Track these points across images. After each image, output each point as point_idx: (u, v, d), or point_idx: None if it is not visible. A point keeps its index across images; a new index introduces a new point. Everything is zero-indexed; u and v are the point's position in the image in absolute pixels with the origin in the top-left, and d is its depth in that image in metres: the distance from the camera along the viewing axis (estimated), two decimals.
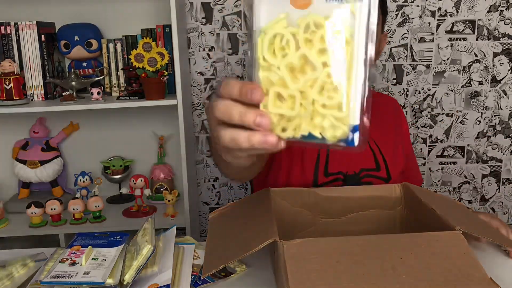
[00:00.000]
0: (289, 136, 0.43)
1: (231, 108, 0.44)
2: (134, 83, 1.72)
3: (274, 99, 0.43)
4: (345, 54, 0.41)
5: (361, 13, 0.40)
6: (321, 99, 0.42)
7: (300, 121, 0.43)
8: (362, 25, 0.40)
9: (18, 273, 0.75)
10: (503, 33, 1.90)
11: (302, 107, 0.42)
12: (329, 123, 0.42)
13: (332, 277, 0.57)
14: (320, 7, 0.41)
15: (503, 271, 0.73)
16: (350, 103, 0.41)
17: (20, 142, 1.82)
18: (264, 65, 0.43)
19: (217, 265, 0.62)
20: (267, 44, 0.42)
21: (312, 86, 0.42)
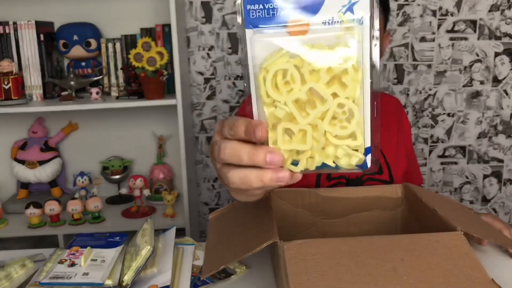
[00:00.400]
0: (302, 169, 0.42)
1: (238, 150, 0.43)
2: (133, 82, 1.71)
3: (283, 135, 0.41)
4: (354, 82, 0.39)
5: (363, 36, 0.39)
6: (334, 130, 0.40)
7: (312, 153, 0.42)
8: (366, 48, 0.39)
9: (17, 273, 0.75)
10: (505, 32, 1.90)
11: (314, 140, 0.41)
12: (343, 152, 0.41)
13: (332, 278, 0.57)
14: (318, 33, 0.39)
15: (505, 272, 0.72)
16: (363, 129, 0.41)
17: (19, 142, 1.82)
18: (268, 102, 0.41)
19: (217, 266, 0.61)
20: (270, 80, 0.40)
21: (322, 118, 0.40)
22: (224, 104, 1.92)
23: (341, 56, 0.39)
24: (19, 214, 1.72)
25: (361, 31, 0.39)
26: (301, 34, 0.40)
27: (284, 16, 0.40)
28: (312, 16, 0.39)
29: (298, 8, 0.39)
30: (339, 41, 0.39)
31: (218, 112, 1.93)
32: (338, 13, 0.39)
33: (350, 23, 0.39)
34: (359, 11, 0.39)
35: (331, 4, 0.39)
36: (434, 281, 0.56)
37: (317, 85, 0.40)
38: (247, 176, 0.43)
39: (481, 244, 0.80)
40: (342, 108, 0.40)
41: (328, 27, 0.39)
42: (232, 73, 1.90)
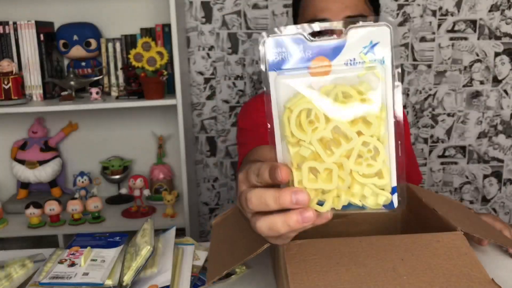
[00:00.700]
0: (328, 209, 0.42)
1: (264, 196, 0.43)
2: (133, 82, 1.71)
3: (309, 174, 0.42)
4: (378, 119, 0.40)
5: (385, 75, 0.40)
6: (360, 169, 0.41)
7: (338, 192, 0.42)
8: (388, 87, 0.40)
9: (16, 274, 0.75)
10: (505, 32, 1.90)
11: (340, 179, 0.41)
12: (370, 191, 0.41)
13: (332, 278, 0.57)
14: (341, 73, 0.40)
15: (505, 272, 0.72)
16: (389, 168, 0.41)
17: (19, 142, 1.82)
18: (293, 141, 0.42)
19: (220, 272, 0.61)
20: (294, 120, 0.41)
21: (347, 156, 0.41)
22: (224, 104, 1.92)
23: (365, 96, 0.40)
24: (19, 214, 1.72)
25: (383, 71, 0.40)
26: (323, 74, 0.40)
27: (306, 58, 0.41)
28: (334, 58, 0.40)
29: (320, 50, 0.40)
30: (362, 80, 0.40)
31: (218, 112, 1.93)
32: (359, 54, 0.40)
33: (372, 63, 0.40)
34: (380, 51, 0.40)
35: (353, 45, 0.40)
36: (434, 281, 0.56)
37: (342, 123, 0.40)
38: (274, 223, 0.43)
39: (481, 244, 0.80)
40: (367, 146, 0.40)
41: (350, 68, 0.40)
42: (232, 73, 1.90)
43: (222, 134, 1.95)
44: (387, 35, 0.39)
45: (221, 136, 1.95)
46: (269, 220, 0.43)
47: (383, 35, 0.39)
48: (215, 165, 1.98)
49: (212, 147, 1.96)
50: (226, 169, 1.98)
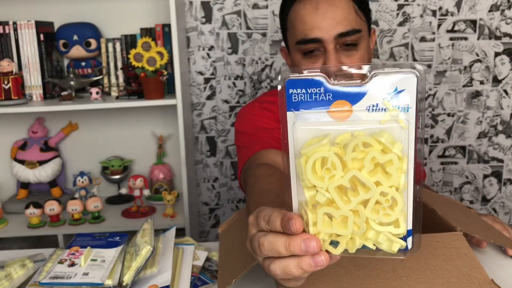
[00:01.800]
0: (341, 251, 0.42)
1: (275, 243, 0.43)
2: (133, 82, 1.71)
3: (324, 218, 0.41)
4: (398, 171, 0.39)
5: (409, 124, 0.39)
6: (376, 218, 0.40)
7: (353, 236, 0.42)
8: (411, 136, 0.39)
9: (16, 274, 0.75)
10: (505, 32, 1.90)
11: (355, 225, 0.41)
12: (385, 238, 0.41)
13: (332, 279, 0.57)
14: (362, 118, 0.39)
15: (504, 273, 0.72)
16: (406, 216, 0.41)
17: (19, 142, 1.82)
18: (310, 185, 0.41)
19: (229, 281, 0.61)
20: (310, 166, 0.40)
21: (364, 204, 0.40)
22: (224, 104, 1.92)
23: (386, 146, 0.39)
24: (19, 214, 1.72)
25: (406, 119, 0.39)
26: (343, 118, 0.40)
27: (327, 101, 0.40)
28: (356, 102, 0.39)
29: (342, 94, 0.39)
30: (383, 129, 0.39)
31: (218, 112, 1.93)
32: (383, 100, 0.39)
33: (395, 111, 0.39)
34: (405, 99, 0.39)
35: (377, 91, 0.39)
36: (433, 282, 0.56)
37: (360, 173, 0.39)
38: (287, 266, 0.44)
39: (480, 246, 0.79)
40: (385, 196, 0.39)
41: (372, 114, 0.39)
42: (232, 73, 1.90)
43: (222, 134, 1.95)
44: (413, 83, 0.38)
45: (221, 136, 1.95)
46: (283, 264, 0.44)
47: (409, 83, 0.38)
48: (215, 165, 1.98)
49: (212, 147, 1.96)
50: (226, 169, 1.98)
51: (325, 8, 0.91)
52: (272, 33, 1.86)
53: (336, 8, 0.91)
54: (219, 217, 2.03)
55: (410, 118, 0.39)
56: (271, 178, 0.77)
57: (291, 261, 0.43)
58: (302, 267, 0.42)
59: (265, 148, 0.95)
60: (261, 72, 1.90)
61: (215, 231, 2.04)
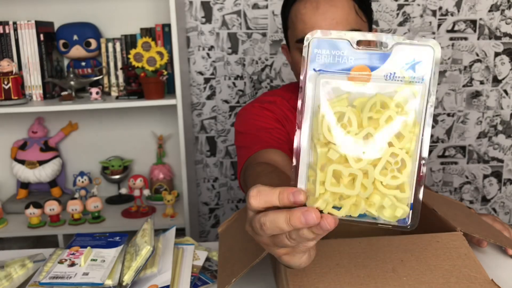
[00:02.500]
0: (344, 215, 0.42)
1: (277, 220, 0.43)
2: (133, 82, 1.71)
3: (332, 178, 0.42)
4: (411, 134, 0.40)
5: (424, 95, 0.40)
6: (384, 179, 0.41)
7: (357, 200, 0.42)
8: (423, 107, 0.40)
9: (16, 273, 0.75)
10: (505, 32, 1.90)
11: (362, 186, 0.41)
12: (389, 203, 0.41)
13: (332, 279, 0.57)
14: (379, 85, 0.41)
15: (505, 272, 0.72)
16: (413, 183, 0.41)
17: (19, 142, 1.82)
18: (323, 142, 0.42)
19: (229, 281, 0.61)
20: (327, 122, 0.41)
21: (373, 165, 0.41)
22: (224, 104, 1.92)
23: (402, 108, 0.40)
24: (19, 214, 1.72)
25: (421, 89, 0.40)
26: (362, 83, 0.41)
27: (348, 64, 0.41)
28: (376, 69, 0.41)
29: (363, 59, 0.41)
30: (401, 94, 0.41)
31: (218, 112, 1.93)
32: (400, 69, 0.41)
33: (411, 80, 0.41)
34: (420, 70, 0.40)
35: (396, 60, 0.41)
36: (433, 282, 0.56)
37: (375, 131, 0.40)
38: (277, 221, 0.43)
39: (480, 246, 0.80)
40: (395, 158, 0.40)
41: (390, 81, 0.41)
42: (232, 73, 1.90)
43: (222, 134, 1.95)
44: (430, 56, 0.40)
45: (221, 136, 1.95)
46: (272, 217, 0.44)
47: (426, 55, 0.40)
48: (215, 165, 1.98)
49: (212, 147, 1.96)
50: (226, 169, 1.98)
51: (326, 8, 0.91)
52: (272, 33, 1.86)
53: (337, 8, 0.91)
54: (219, 217, 2.03)
55: (425, 89, 0.41)
56: (271, 174, 0.77)
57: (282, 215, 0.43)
58: (293, 224, 0.42)
59: (265, 147, 0.95)
60: (261, 72, 1.90)
61: (215, 231, 2.04)
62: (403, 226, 0.42)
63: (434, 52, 0.40)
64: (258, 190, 0.44)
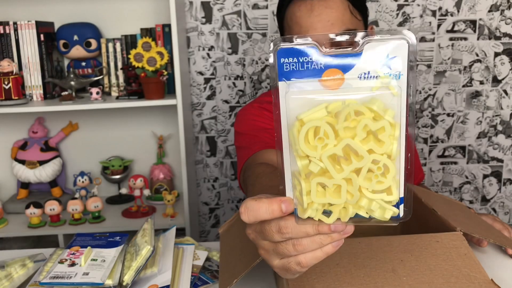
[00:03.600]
0: (333, 221, 0.42)
1: (302, 227, 0.43)
2: (133, 82, 1.71)
3: (317, 188, 0.41)
4: (390, 138, 0.39)
5: (400, 91, 0.39)
6: (369, 186, 0.40)
7: (345, 204, 0.42)
8: (403, 103, 0.39)
9: (17, 273, 0.75)
10: (504, 32, 1.90)
11: (348, 194, 0.41)
12: (378, 206, 0.41)
13: (332, 279, 0.57)
14: (353, 86, 0.39)
15: (504, 272, 0.72)
16: (398, 183, 0.41)
17: (19, 142, 1.82)
18: (302, 155, 0.41)
19: (230, 282, 0.61)
20: (303, 136, 0.40)
21: (356, 172, 0.40)
22: (224, 104, 1.92)
23: (377, 113, 0.39)
24: (19, 214, 1.72)
25: (398, 86, 0.39)
26: (335, 87, 0.40)
27: (318, 70, 0.40)
28: (348, 71, 0.39)
29: (333, 62, 0.39)
30: (375, 97, 0.39)
31: (218, 112, 1.93)
32: (374, 68, 0.39)
33: (386, 78, 0.39)
34: (396, 65, 0.39)
35: (368, 58, 0.39)
36: (433, 282, 0.56)
37: (353, 142, 0.39)
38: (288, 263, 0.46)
39: (480, 245, 0.80)
40: (377, 164, 0.39)
41: (364, 81, 0.39)
42: (232, 73, 1.90)
43: (222, 134, 1.95)
44: (405, 50, 0.38)
45: (221, 136, 1.95)
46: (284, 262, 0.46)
47: (401, 50, 0.38)
48: (215, 165, 1.98)
49: (212, 147, 1.96)
50: (226, 169, 1.98)
51: (320, 10, 0.91)
52: (272, 33, 1.86)
53: (331, 9, 0.91)
54: (219, 217, 2.03)
55: (402, 85, 0.39)
56: (271, 175, 0.77)
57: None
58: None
59: (264, 148, 0.96)
60: (261, 72, 1.90)
61: (215, 231, 2.04)
62: (396, 219, 0.42)
63: (408, 43, 0.38)
64: (245, 206, 0.45)
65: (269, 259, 0.48)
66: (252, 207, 0.44)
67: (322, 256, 0.44)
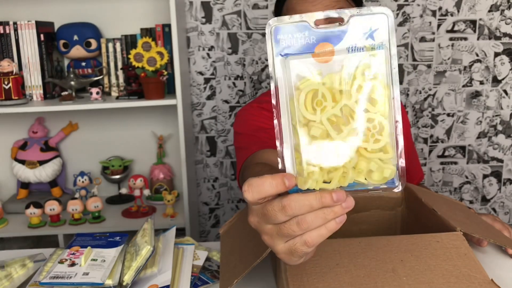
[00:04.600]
0: (334, 187, 0.44)
1: (303, 202, 0.44)
2: (133, 82, 1.71)
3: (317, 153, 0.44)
4: (383, 96, 0.43)
5: (387, 58, 0.43)
6: (367, 145, 0.43)
7: (345, 171, 0.43)
8: (388, 70, 0.43)
9: (17, 273, 0.75)
10: (504, 32, 1.90)
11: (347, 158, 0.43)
12: (376, 166, 0.43)
13: (332, 279, 0.57)
14: (343, 58, 0.43)
15: (505, 272, 0.72)
16: (394, 143, 0.43)
17: (19, 142, 1.82)
18: (303, 122, 0.44)
19: (231, 282, 0.61)
20: (303, 100, 0.43)
21: (355, 134, 0.43)
22: (224, 104, 1.92)
23: (369, 76, 0.43)
24: (19, 214, 1.72)
25: (382, 54, 0.43)
26: (327, 60, 0.43)
27: (311, 44, 0.44)
28: (337, 44, 0.43)
29: (324, 37, 0.44)
30: (365, 63, 0.43)
31: (218, 112, 1.93)
32: (360, 40, 0.43)
33: (372, 48, 0.43)
34: (378, 37, 0.43)
35: (354, 32, 0.43)
36: (433, 282, 0.56)
37: (350, 102, 0.43)
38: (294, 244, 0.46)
39: (480, 245, 0.80)
40: (372, 122, 0.43)
41: (353, 53, 0.43)
42: (232, 73, 1.90)
43: (222, 134, 1.95)
44: (384, 22, 0.43)
45: (221, 136, 1.95)
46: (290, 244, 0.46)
47: (381, 22, 0.43)
48: (215, 165, 1.98)
49: (212, 147, 1.96)
50: (226, 169, 1.98)
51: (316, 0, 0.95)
52: None
53: None
54: (219, 217, 2.03)
55: (386, 52, 0.43)
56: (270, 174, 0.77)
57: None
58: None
59: (263, 148, 0.96)
60: (261, 72, 1.90)
61: (215, 231, 2.04)
62: (392, 187, 0.44)
63: (388, 18, 0.42)
64: (249, 184, 0.45)
65: (273, 244, 0.48)
66: (255, 183, 0.45)
67: (326, 233, 0.45)
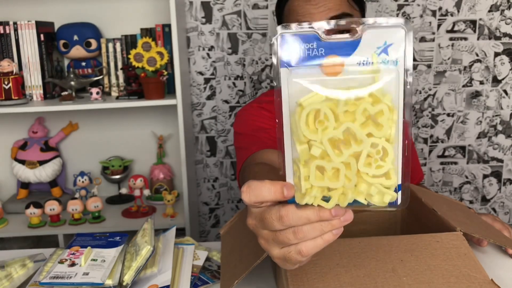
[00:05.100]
0: (332, 206, 0.43)
1: (303, 216, 0.43)
2: (133, 82, 1.71)
3: (316, 172, 0.42)
4: (389, 121, 0.40)
5: (399, 77, 0.40)
6: (369, 170, 0.41)
7: (344, 190, 0.42)
8: (400, 88, 0.40)
9: (17, 273, 0.75)
10: (504, 32, 1.90)
11: (346, 178, 0.41)
12: (376, 190, 0.42)
13: (332, 279, 0.57)
14: (353, 73, 0.40)
15: (505, 272, 0.72)
16: (397, 168, 0.41)
17: (19, 142, 1.82)
18: (303, 140, 0.42)
19: (231, 283, 0.61)
20: (305, 119, 0.41)
21: (355, 156, 0.41)
22: (224, 104, 1.92)
23: (376, 98, 0.40)
24: (19, 214, 1.72)
25: (395, 72, 0.40)
26: (335, 74, 0.40)
27: (319, 56, 0.41)
28: (348, 57, 0.40)
29: (334, 49, 0.40)
30: (374, 82, 0.40)
31: (218, 112, 1.93)
32: (372, 54, 0.40)
33: (385, 64, 0.40)
34: (393, 53, 0.40)
35: (366, 45, 0.40)
36: (433, 282, 0.56)
37: (353, 125, 0.40)
38: (288, 251, 0.45)
39: (480, 245, 0.80)
40: (375, 147, 0.40)
41: (363, 68, 0.40)
42: (232, 73, 1.90)
43: (222, 134, 1.95)
44: (401, 36, 0.39)
45: (221, 136, 1.95)
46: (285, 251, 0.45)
47: (397, 36, 0.39)
48: (215, 165, 1.98)
49: (212, 147, 1.96)
50: (226, 169, 1.98)
51: (318, 0, 0.94)
52: (272, 33, 1.86)
53: (329, 0, 0.94)
54: (219, 217, 2.03)
55: (400, 71, 0.40)
56: (269, 175, 0.77)
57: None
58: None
59: (263, 148, 0.96)
60: (261, 72, 1.90)
61: (215, 231, 2.04)
62: (394, 207, 0.43)
63: (405, 31, 0.39)
64: (248, 186, 0.45)
65: (269, 248, 0.48)
66: (254, 186, 0.45)
67: (322, 244, 0.44)
